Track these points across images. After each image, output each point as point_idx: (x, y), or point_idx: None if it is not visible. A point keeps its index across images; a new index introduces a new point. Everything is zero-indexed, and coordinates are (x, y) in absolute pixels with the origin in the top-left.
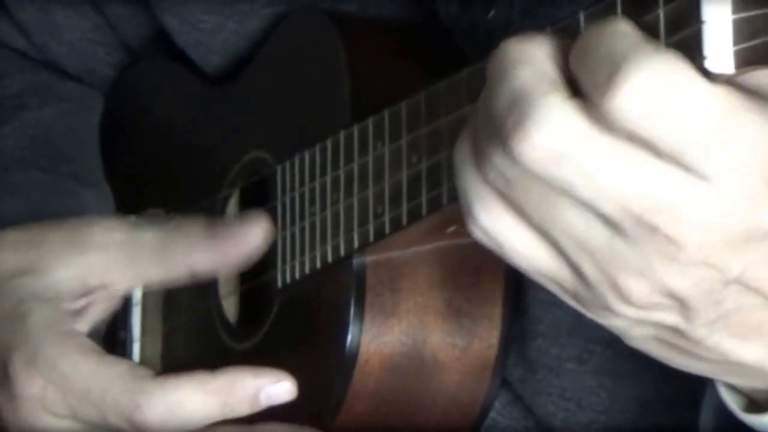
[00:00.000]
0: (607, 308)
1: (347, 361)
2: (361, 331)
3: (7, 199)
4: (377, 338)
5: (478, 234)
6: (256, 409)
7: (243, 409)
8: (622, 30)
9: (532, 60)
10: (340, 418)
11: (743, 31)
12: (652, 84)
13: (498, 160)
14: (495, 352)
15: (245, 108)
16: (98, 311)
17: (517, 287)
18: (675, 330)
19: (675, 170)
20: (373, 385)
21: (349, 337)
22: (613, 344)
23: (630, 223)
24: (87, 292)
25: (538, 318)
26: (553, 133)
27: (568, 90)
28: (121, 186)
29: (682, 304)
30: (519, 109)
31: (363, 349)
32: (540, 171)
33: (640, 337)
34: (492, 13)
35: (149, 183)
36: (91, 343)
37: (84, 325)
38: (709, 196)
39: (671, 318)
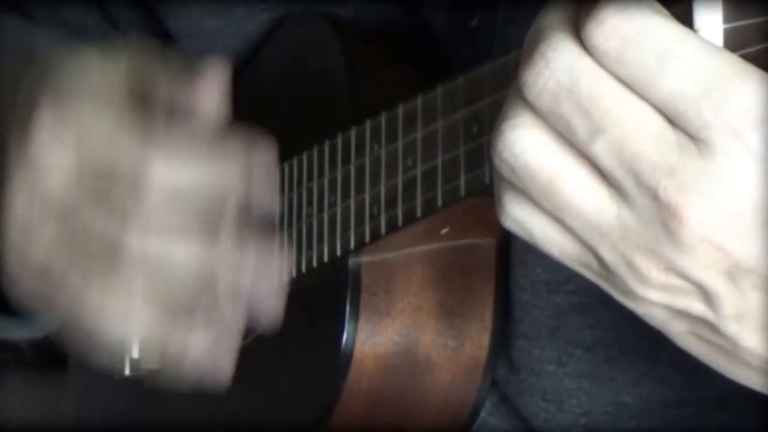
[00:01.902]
0: (632, 293)
1: (342, 360)
2: (356, 331)
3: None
4: (372, 338)
5: (508, 224)
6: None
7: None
8: None
9: (557, 8)
10: (334, 416)
11: (734, 40)
12: (627, 21)
13: (500, 140)
14: (486, 353)
15: (244, 112)
16: None
17: (507, 289)
18: (706, 323)
19: (676, 130)
20: (367, 384)
21: (344, 336)
22: (592, 348)
23: (630, 184)
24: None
25: (520, 319)
26: (556, 64)
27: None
28: None
29: (701, 289)
30: (533, 43)
31: (358, 348)
32: (543, 105)
33: (678, 333)
34: (475, 20)
35: None
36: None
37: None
38: (712, 164)
39: (697, 306)
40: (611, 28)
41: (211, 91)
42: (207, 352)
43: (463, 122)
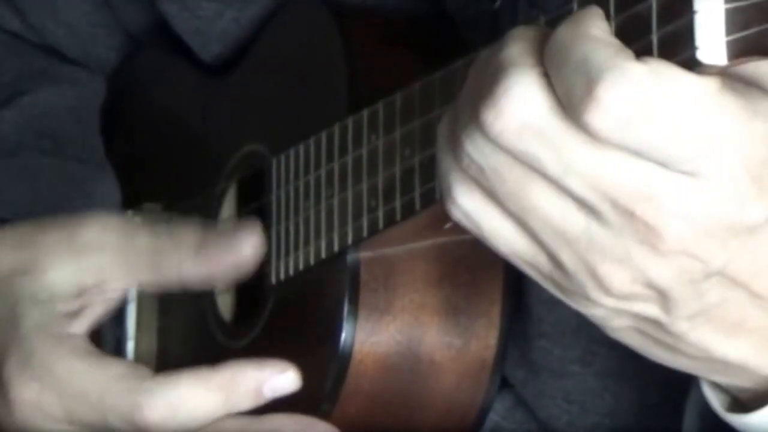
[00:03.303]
0: (586, 297)
1: (341, 360)
2: (355, 330)
3: (13, 185)
4: (372, 336)
5: (457, 215)
6: (260, 402)
7: (246, 404)
8: (596, 36)
9: (514, 42)
10: (333, 419)
11: (735, 21)
12: (628, 98)
13: (470, 142)
14: (493, 353)
15: (243, 100)
16: (94, 313)
17: (518, 287)
18: (655, 322)
19: (654, 166)
20: (367, 386)
21: (342, 336)
22: (617, 345)
23: (605, 207)
24: (81, 294)
25: (541, 318)
26: (521, 104)
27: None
28: (119, 176)
29: (662, 295)
30: (493, 80)
31: (357, 348)
32: (507, 144)
33: (619, 328)
34: (498, 2)
35: (148, 174)
36: (87, 345)
37: (80, 326)
38: (691, 189)
39: (652, 309)
40: (610, 112)
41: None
42: None
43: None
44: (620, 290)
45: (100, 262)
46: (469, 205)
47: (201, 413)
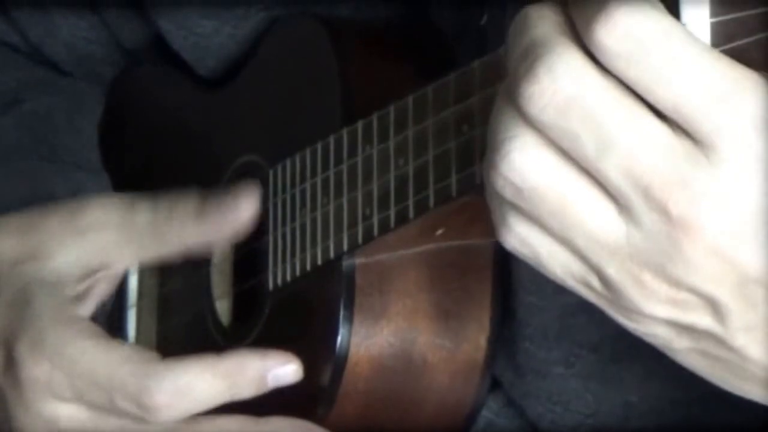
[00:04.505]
0: (638, 311)
1: (337, 362)
2: (350, 333)
3: (11, 187)
4: (367, 339)
5: (511, 243)
6: (263, 390)
7: (250, 391)
8: None
9: (547, 16)
10: (330, 419)
11: (721, 34)
12: (641, 22)
13: (506, 163)
14: (483, 354)
15: (239, 112)
16: (99, 293)
17: (505, 291)
18: (713, 337)
19: (684, 140)
20: (363, 387)
21: (339, 339)
22: (599, 348)
23: (638, 200)
24: (87, 275)
25: (526, 322)
26: (563, 76)
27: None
28: (116, 189)
29: (710, 303)
30: (532, 55)
31: (353, 350)
32: (548, 120)
33: (683, 350)
34: (485, 18)
35: (145, 186)
36: (95, 328)
37: (86, 309)
38: (723, 173)
39: (705, 320)
40: (624, 30)
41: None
42: None
43: (453, 120)
44: (666, 296)
45: (103, 241)
46: (523, 234)
47: (206, 398)
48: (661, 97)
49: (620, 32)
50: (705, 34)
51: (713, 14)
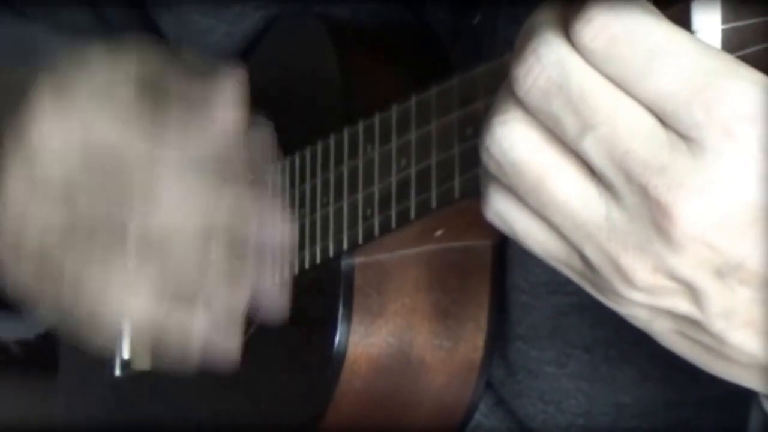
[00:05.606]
0: (616, 293)
1: (335, 361)
2: (348, 332)
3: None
4: (365, 339)
5: (489, 217)
6: None
7: None
8: None
9: (548, 9)
10: (327, 418)
11: (732, 40)
12: (616, 20)
13: (489, 135)
14: (480, 355)
15: None
16: None
17: (501, 290)
18: (692, 321)
19: (665, 128)
20: (360, 386)
21: (337, 338)
22: (592, 348)
23: (620, 181)
24: None
25: (518, 320)
26: (548, 60)
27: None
28: None
29: (689, 288)
30: (525, 41)
31: (351, 349)
32: (533, 101)
33: (662, 332)
34: (477, 19)
35: None
36: None
37: None
38: (704, 163)
39: (683, 305)
40: (599, 27)
41: (228, 91)
42: (210, 333)
43: (458, 123)
44: (645, 282)
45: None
46: (500, 207)
47: None
48: (641, 92)
49: (596, 30)
50: (716, 41)
51: (725, 21)
